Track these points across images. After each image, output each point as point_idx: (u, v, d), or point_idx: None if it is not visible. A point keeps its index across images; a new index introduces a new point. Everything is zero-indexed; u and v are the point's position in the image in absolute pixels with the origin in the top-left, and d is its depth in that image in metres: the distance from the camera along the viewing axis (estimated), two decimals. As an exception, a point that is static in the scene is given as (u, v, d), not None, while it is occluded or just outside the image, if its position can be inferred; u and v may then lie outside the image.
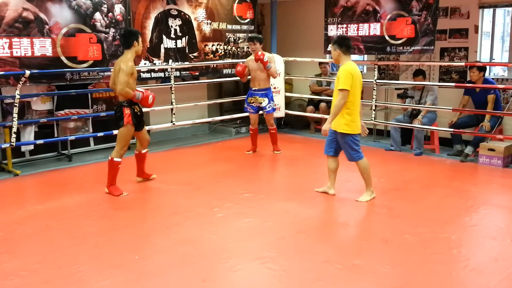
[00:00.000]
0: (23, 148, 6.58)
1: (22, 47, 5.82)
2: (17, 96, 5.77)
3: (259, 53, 6.50)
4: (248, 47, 8.39)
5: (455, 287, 3.22)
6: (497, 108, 6.44)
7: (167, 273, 3.41)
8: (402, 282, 3.26)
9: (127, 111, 5.01)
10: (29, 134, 6.46)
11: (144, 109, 6.23)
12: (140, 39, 5.07)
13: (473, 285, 3.26)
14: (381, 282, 3.26)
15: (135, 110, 5.10)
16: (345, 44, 4.74)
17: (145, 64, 7.10)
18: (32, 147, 6.54)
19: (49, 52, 6.03)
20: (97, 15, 6.44)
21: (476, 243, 4.03)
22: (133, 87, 5.00)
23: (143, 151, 5.47)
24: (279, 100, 8.23)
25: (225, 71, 8.17)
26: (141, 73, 7.08)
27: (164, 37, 7.25)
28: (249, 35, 7.22)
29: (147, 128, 7.39)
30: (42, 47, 5.98)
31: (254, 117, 6.90)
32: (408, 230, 4.12)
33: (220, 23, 8.00)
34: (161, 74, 7.33)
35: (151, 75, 7.19)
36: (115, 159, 5.08)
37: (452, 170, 6.17)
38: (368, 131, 5.01)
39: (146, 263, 3.56)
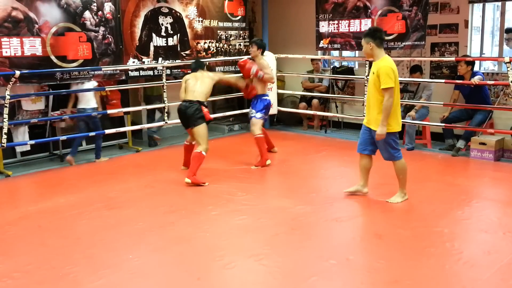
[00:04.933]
0: (18, 149, 6.53)
1: (12, 46, 5.77)
2: (7, 97, 5.72)
3: (247, 65, 6.05)
4: (239, 45, 8.40)
5: (449, 280, 3.24)
6: (486, 100, 6.48)
7: (161, 272, 3.41)
8: (396, 276, 3.28)
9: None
10: (22, 135, 6.41)
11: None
12: None
13: (466, 278, 3.28)
14: (375, 276, 3.28)
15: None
16: (379, 37, 4.41)
17: (133, 62, 7.05)
18: (28, 147, 6.48)
19: (39, 51, 5.98)
20: (87, 14, 6.39)
21: (468, 237, 4.06)
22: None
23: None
24: (272, 97, 8.22)
25: (217, 69, 8.15)
26: (129, 72, 7.02)
27: (153, 35, 7.21)
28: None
29: (139, 127, 7.43)
30: (32, 46, 5.93)
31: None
32: (401, 225, 4.15)
33: (212, 20, 7.98)
34: (150, 73, 7.27)
35: (139, 73, 7.14)
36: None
37: (444, 164, 6.20)
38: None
39: (140, 263, 3.55)
